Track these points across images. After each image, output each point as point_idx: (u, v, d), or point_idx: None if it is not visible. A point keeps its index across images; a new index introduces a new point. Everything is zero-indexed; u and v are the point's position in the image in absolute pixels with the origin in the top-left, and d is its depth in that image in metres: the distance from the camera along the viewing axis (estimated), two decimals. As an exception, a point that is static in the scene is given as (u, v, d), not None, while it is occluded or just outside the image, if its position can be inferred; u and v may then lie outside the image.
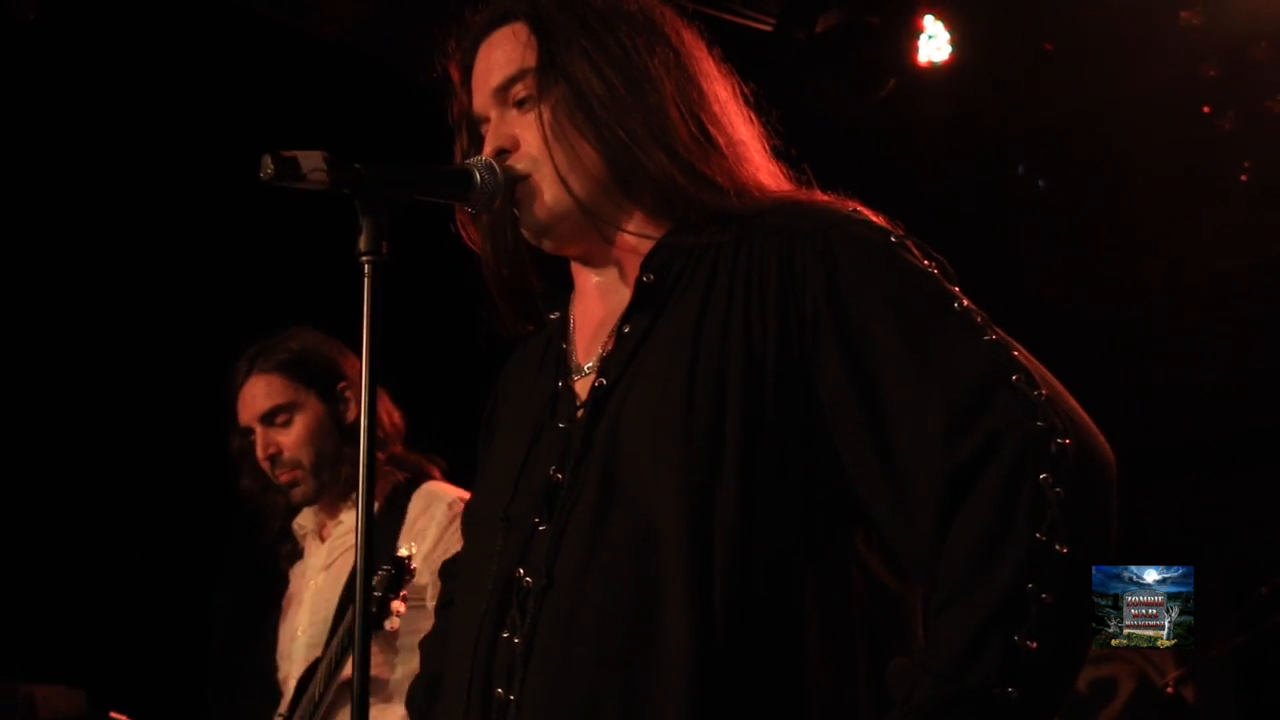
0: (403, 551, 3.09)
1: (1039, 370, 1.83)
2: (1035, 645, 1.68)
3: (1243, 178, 5.79)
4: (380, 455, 3.41)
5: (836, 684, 1.82)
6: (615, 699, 1.78)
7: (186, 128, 5.25)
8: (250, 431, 3.55)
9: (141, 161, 5.32)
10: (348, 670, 2.92)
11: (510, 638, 1.87)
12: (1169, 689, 5.48)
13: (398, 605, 3.06)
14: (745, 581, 1.79)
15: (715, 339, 1.87)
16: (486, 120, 2.04)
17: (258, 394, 3.53)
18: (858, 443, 1.81)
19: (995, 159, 6.14)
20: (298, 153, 1.84)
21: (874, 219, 1.94)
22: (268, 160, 1.84)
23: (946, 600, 1.74)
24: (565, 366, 2.02)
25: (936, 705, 1.69)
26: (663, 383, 1.88)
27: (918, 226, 1.97)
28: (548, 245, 2.04)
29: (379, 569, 3.05)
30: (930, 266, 1.89)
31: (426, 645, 2.30)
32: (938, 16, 5.46)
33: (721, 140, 1.99)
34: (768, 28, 5.45)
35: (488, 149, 2.02)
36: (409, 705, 2.31)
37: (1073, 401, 1.83)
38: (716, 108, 2.02)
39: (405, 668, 3.26)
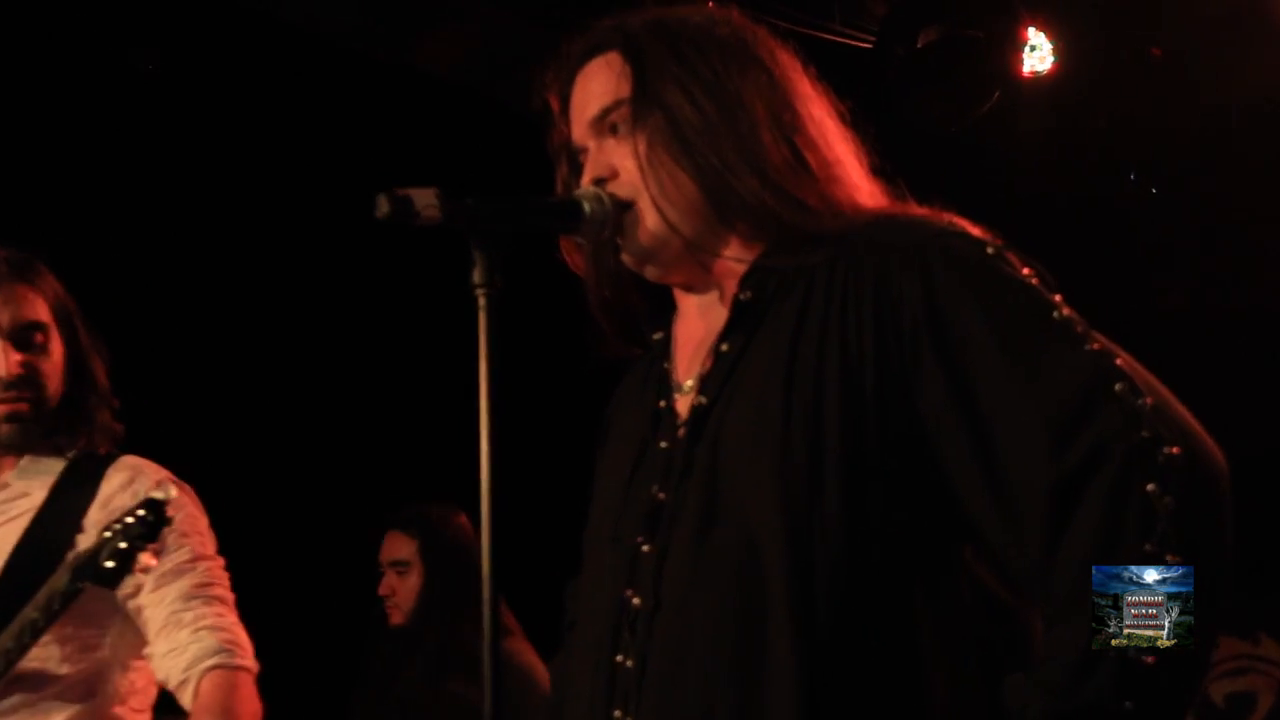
0: (158, 494, 2.61)
1: (1144, 378, 1.79)
2: (1152, 660, 1.68)
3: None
4: (93, 404, 2.97)
5: (949, 699, 1.80)
6: (728, 715, 1.79)
7: (299, 167, 5.35)
8: None
9: (257, 200, 5.43)
10: (22, 665, 2.70)
11: (624, 660, 1.88)
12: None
13: (148, 559, 2.62)
14: (850, 596, 1.78)
15: (811, 356, 1.86)
16: (585, 150, 2.06)
17: (13, 303, 2.91)
18: (962, 459, 1.80)
19: (1104, 168, 6.07)
20: (411, 190, 1.86)
21: (971, 231, 1.92)
22: (382, 200, 1.85)
23: (1059, 615, 1.73)
24: (667, 385, 2.03)
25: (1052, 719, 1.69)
26: (760, 400, 1.87)
27: (1023, 238, 1.95)
28: (650, 273, 2.05)
29: (71, 538, 2.70)
30: (1029, 276, 1.86)
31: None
32: (1040, 27, 5.43)
33: (815, 162, 1.97)
34: (868, 45, 5.44)
35: (586, 178, 2.03)
36: None
37: (1182, 409, 1.79)
38: (811, 129, 2.00)
39: (76, 667, 2.84)
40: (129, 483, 2.80)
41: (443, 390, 3.78)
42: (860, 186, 2.02)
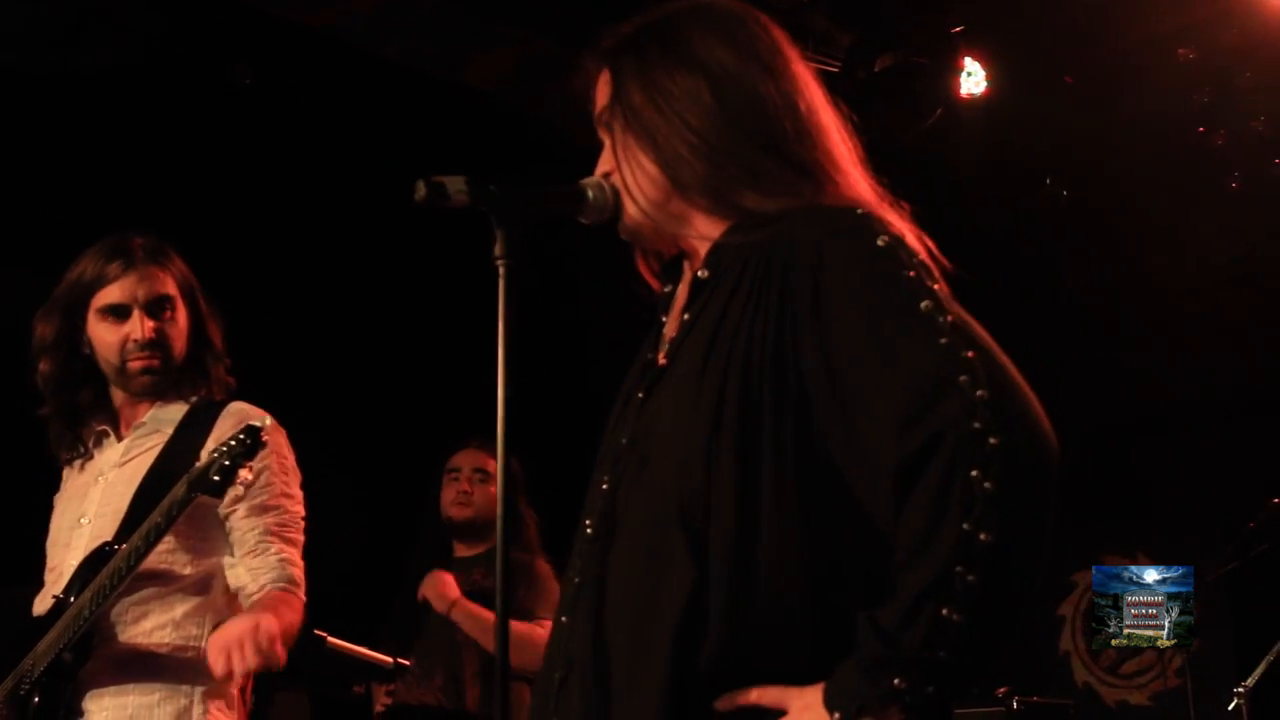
0: (255, 422, 2.66)
1: (991, 370, 1.69)
2: (959, 618, 1.62)
3: (1233, 185, 5.77)
4: (209, 362, 3.02)
5: (823, 619, 1.72)
6: (626, 631, 1.76)
7: (361, 164, 5.32)
8: (123, 310, 2.95)
9: (331, 192, 5.41)
10: (147, 563, 2.70)
11: (573, 576, 1.85)
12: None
13: (245, 474, 2.64)
14: (738, 525, 1.73)
15: (729, 329, 1.80)
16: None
17: (150, 280, 2.97)
18: (833, 429, 1.74)
19: (1025, 174, 6.08)
20: (444, 178, 1.84)
21: (874, 224, 1.81)
22: (420, 185, 1.83)
23: (896, 571, 1.67)
24: (659, 341, 1.98)
25: (877, 662, 1.64)
26: (686, 368, 1.83)
27: (958, 230, 1.88)
28: (640, 247, 2.02)
29: (190, 466, 2.68)
30: (910, 271, 1.76)
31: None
32: (975, 57, 5.45)
33: (762, 143, 1.87)
34: (835, 69, 5.41)
35: (597, 171, 1.99)
36: None
37: (1020, 400, 1.69)
38: (769, 109, 1.89)
39: (195, 569, 2.87)
40: (237, 423, 2.77)
41: (466, 347, 3.74)
42: (822, 158, 1.90)
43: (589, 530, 1.85)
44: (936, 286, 1.76)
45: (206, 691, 2.82)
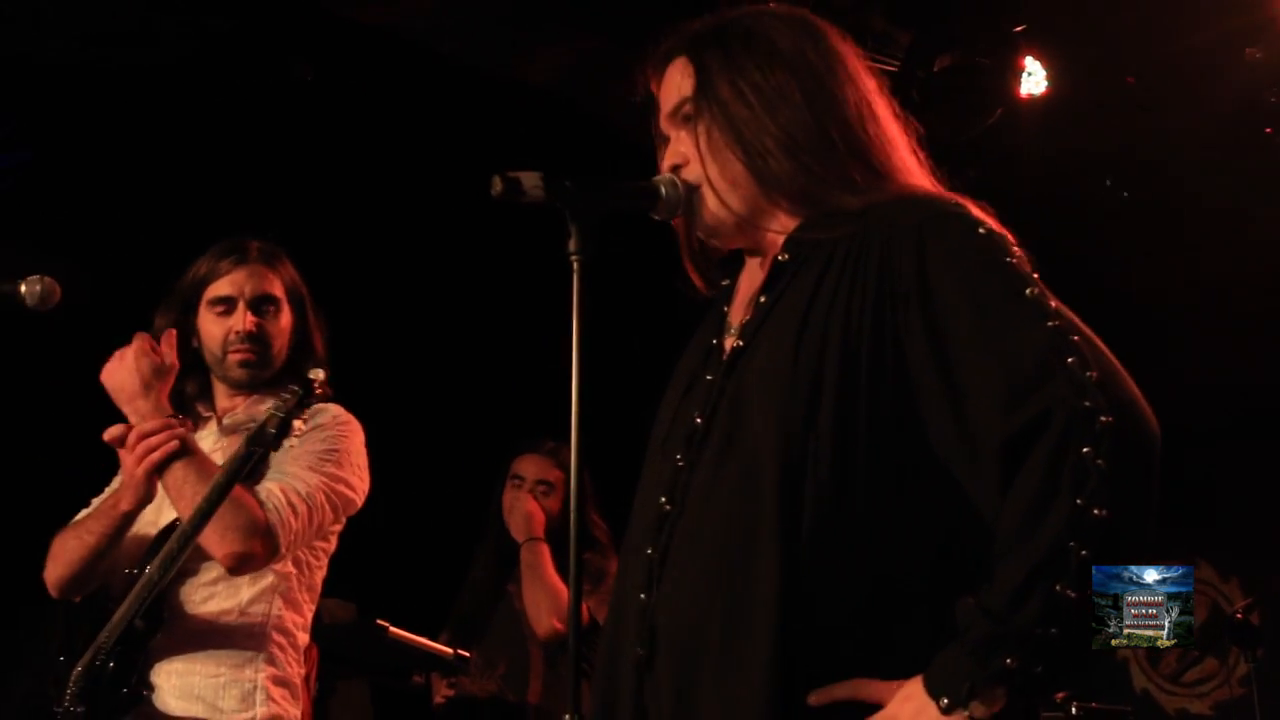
0: (310, 375, 2.74)
1: (1095, 354, 1.74)
2: (1074, 595, 1.64)
3: (1300, 187, 5.69)
4: (307, 366, 3.00)
5: (916, 608, 1.77)
6: (720, 605, 1.78)
7: (424, 159, 5.36)
8: (230, 303, 3.07)
9: (390, 188, 5.46)
10: None
11: (653, 554, 1.87)
12: (1238, 615, 5.33)
13: (299, 424, 2.69)
14: (832, 510, 1.75)
15: (822, 310, 1.84)
16: (667, 139, 2.04)
17: (258, 277, 3.09)
18: (938, 408, 1.77)
19: (1085, 175, 6.03)
20: (519, 173, 1.86)
21: (971, 213, 1.87)
22: (496, 180, 1.85)
23: (1003, 550, 1.68)
24: (722, 326, 2.03)
25: (989, 641, 1.65)
26: (777, 344, 1.86)
27: (1017, 227, 1.91)
28: (714, 243, 2.05)
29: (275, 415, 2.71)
30: (1012, 258, 1.82)
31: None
32: (1036, 57, 5.40)
33: (847, 145, 1.93)
34: (893, 68, 5.40)
35: (665, 164, 2.02)
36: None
37: (1126, 383, 1.74)
38: (849, 113, 1.95)
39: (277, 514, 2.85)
40: (314, 415, 2.87)
41: (540, 341, 3.77)
42: (895, 163, 1.97)
43: (666, 506, 1.87)
44: (1035, 275, 1.81)
45: (270, 676, 2.87)
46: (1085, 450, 1.66)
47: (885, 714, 1.70)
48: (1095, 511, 1.64)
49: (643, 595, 1.86)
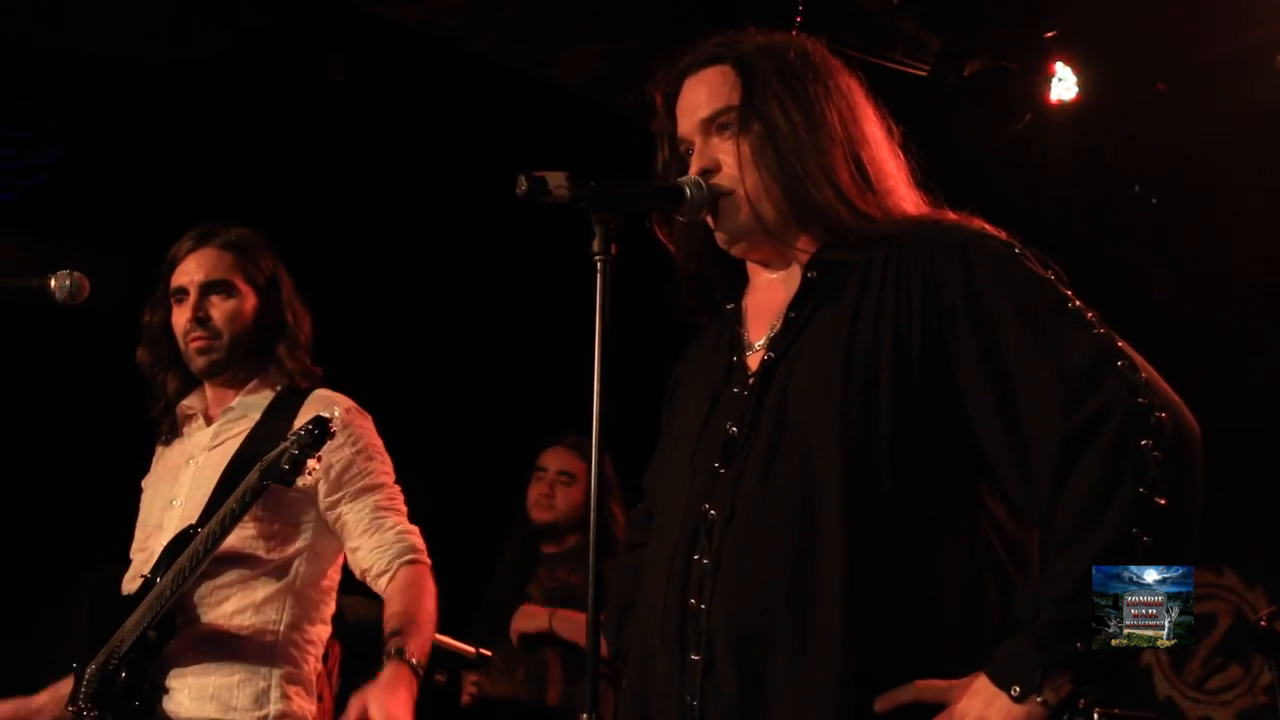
0: (324, 413, 2.67)
1: (1139, 358, 1.83)
2: None
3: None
4: (283, 351, 3.02)
5: (967, 609, 1.82)
6: (785, 607, 1.81)
7: (448, 157, 5.38)
8: (183, 293, 3.00)
9: (420, 185, 5.47)
10: (226, 544, 2.74)
11: (701, 559, 1.89)
12: (1262, 623, 5.29)
13: (313, 464, 2.64)
14: (890, 515, 1.81)
15: (869, 323, 1.90)
16: (690, 142, 2.06)
17: (206, 263, 3.00)
18: (987, 414, 1.82)
19: (1114, 181, 6.02)
20: (545, 173, 1.87)
21: (1000, 234, 1.96)
22: (522, 179, 1.86)
23: (1064, 541, 1.74)
24: (739, 345, 2.05)
25: (1058, 626, 1.70)
26: (825, 354, 1.90)
27: (1046, 235, 1.96)
28: (737, 250, 2.07)
29: (277, 446, 2.67)
30: (1048, 274, 1.90)
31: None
32: (1066, 62, 5.39)
33: (874, 176, 2.01)
34: (923, 73, 5.40)
35: (694, 168, 2.03)
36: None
37: (1166, 385, 1.83)
38: (874, 147, 2.04)
39: (277, 554, 2.90)
40: (320, 410, 2.81)
41: (560, 338, 3.78)
42: (905, 196, 2.05)
43: (711, 514, 1.89)
44: (1069, 290, 1.88)
45: (284, 675, 2.87)
46: (1144, 443, 1.72)
47: (955, 711, 1.73)
48: (1158, 500, 1.70)
49: (694, 600, 1.88)
